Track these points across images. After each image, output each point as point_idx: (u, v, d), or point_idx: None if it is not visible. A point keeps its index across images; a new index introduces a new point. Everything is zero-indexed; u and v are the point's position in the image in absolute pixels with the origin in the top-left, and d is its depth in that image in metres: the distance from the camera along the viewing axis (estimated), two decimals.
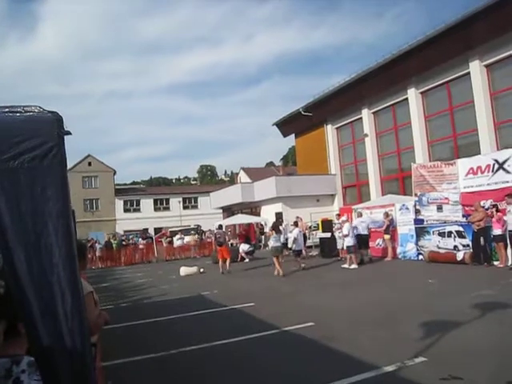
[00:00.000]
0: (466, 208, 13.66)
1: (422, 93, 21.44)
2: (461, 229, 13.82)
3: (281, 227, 15.94)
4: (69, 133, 1.61)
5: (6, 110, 1.57)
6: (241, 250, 21.03)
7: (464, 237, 13.63)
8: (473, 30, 17.26)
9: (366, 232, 15.93)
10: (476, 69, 18.23)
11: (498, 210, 12.40)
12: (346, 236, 15.05)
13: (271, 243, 15.29)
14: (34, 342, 1.55)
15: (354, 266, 14.70)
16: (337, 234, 17.79)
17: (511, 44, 16.66)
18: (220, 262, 16.72)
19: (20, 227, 1.52)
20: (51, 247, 1.53)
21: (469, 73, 18.63)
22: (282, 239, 15.50)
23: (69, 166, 1.72)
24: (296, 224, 16.58)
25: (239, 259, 20.35)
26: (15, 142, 1.53)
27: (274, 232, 15.20)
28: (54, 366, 1.53)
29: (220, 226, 18.30)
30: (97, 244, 27.00)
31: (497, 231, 12.16)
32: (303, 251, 17.05)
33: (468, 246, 13.35)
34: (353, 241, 15.06)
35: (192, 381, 5.33)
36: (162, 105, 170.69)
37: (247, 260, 20.47)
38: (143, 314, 9.73)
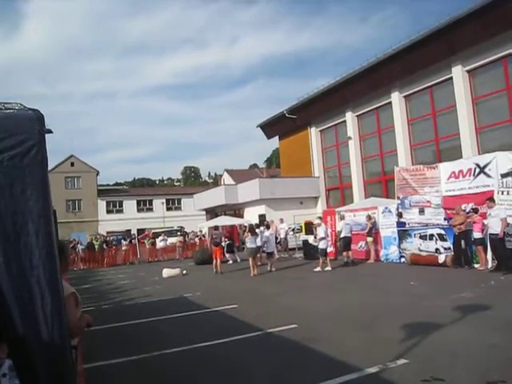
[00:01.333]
0: (448, 211, 13.82)
1: (405, 97, 21.70)
2: (442, 232, 13.96)
3: (258, 230, 16.15)
4: (50, 131, 1.57)
5: None
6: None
7: (445, 240, 13.77)
8: (456, 36, 17.55)
9: (349, 234, 16.06)
10: (458, 74, 18.52)
11: (476, 212, 12.59)
12: (323, 239, 15.05)
13: (247, 245, 15.68)
14: (12, 344, 1.51)
15: (318, 268, 14.81)
16: (311, 238, 17.96)
17: (493, 50, 16.97)
18: (214, 262, 16.96)
19: None
20: (31, 248, 1.49)
21: (451, 78, 18.93)
22: (258, 241, 15.76)
23: (51, 166, 1.69)
24: (268, 226, 16.78)
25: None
26: None
27: (249, 234, 15.55)
28: (32, 369, 1.49)
29: (216, 227, 18.59)
30: (79, 245, 26.70)
31: (477, 234, 12.32)
32: (274, 253, 17.65)
33: (449, 248, 13.49)
34: (327, 243, 15.18)
35: (174, 383, 5.28)
36: (147, 106, 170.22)
37: (230, 262, 20.42)
38: (125, 315, 9.63)
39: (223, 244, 20.91)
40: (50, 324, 1.50)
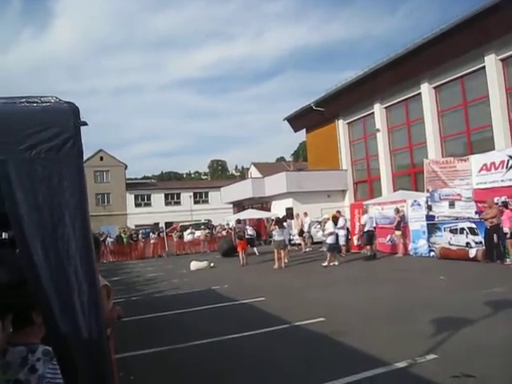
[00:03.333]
0: (479, 205, 13.53)
1: (435, 88, 21.22)
2: (473, 225, 13.67)
3: (285, 223, 16.29)
4: (85, 123, 1.60)
5: (23, 100, 1.56)
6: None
7: (476, 234, 13.48)
8: (488, 24, 17.01)
9: (372, 228, 15.94)
10: (491, 63, 17.97)
11: (506, 207, 12.27)
12: (331, 234, 14.95)
13: (274, 237, 15.79)
14: (52, 333, 1.56)
15: (325, 263, 14.68)
16: (320, 232, 17.92)
17: None
18: (240, 255, 17.36)
19: (37, 219, 1.51)
20: (68, 239, 1.53)
21: (484, 67, 18.37)
22: (285, 234, 15.99)
23: None
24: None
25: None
26: (32, 133, 1.52)
27: (277, 227, 15.61)
28: (72, 357, 1.53)
29: (239, 221, 19.08)
30: (108, 238, 27.20)
31: (507, 229, 12.01)
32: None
33: (480, 243, 13.20)
34: (334, 239, 15.07)
35: (202, 374, 5.33)
36: (174, 100, 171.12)
37: (257, 254, 20.46)
38: (154, 307, 9.78)
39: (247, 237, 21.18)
40: (87, 313, 1.54)
